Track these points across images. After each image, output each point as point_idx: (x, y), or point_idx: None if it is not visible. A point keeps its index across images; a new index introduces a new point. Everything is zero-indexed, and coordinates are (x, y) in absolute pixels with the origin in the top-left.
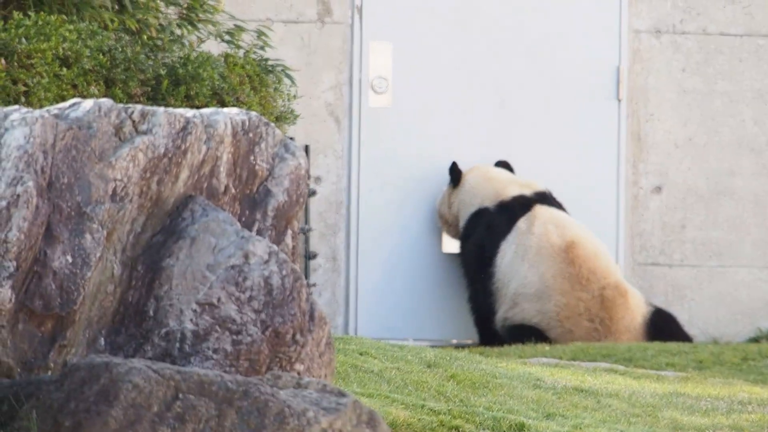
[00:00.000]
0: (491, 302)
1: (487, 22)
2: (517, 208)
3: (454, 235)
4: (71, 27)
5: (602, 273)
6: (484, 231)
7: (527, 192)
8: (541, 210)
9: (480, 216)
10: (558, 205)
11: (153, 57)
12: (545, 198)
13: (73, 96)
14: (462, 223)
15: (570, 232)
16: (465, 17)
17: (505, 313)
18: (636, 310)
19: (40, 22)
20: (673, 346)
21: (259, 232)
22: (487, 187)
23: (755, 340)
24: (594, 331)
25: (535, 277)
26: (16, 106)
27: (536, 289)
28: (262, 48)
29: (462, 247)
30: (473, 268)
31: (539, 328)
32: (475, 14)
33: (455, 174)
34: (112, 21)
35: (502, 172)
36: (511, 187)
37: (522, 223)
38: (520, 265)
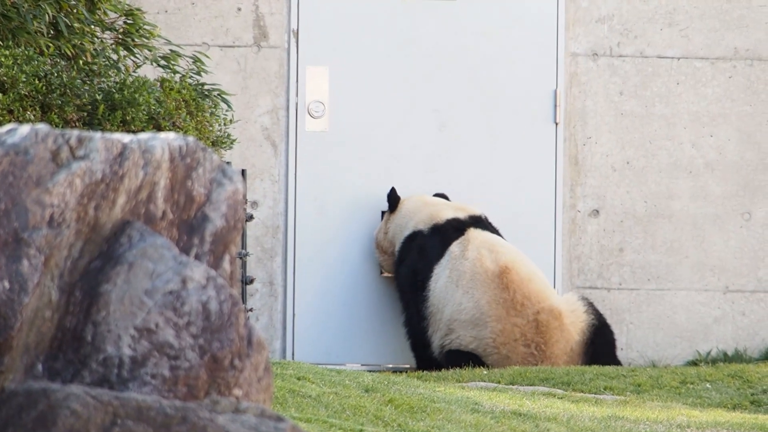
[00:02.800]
0: (425, 326)
1: (426, 46)
2: (450, 231)
3: (390, 266)
4: (7, 52)
5: (536, 297)
6: (417, 254)
7: (461, 215)
8: (474, 233)
9: (413, 239)
10: (493, 230)
11: (89, 82)
12: (479, 222)
13: (9, 121)
14: (397, 246)
15: (503, 257)
16: (403, 41)
17: (441, 339)
18: (572, 331)
19: None
20: (611, 369)
21: (197, 258)
22: (423, 210)
23: (694, 363)
24: (530, 356)
25: (470, 303)
26: None
27: (471, 315)
28: (198, 73)
29: (396, 271)
30: (407, 292)
31: (476, 354)
32: (413, 38)
33: (393, 199)
34: (48, 46)
35: (440, 200)
36: (447, 210)
37: (455, 247)
38: (454, 291)
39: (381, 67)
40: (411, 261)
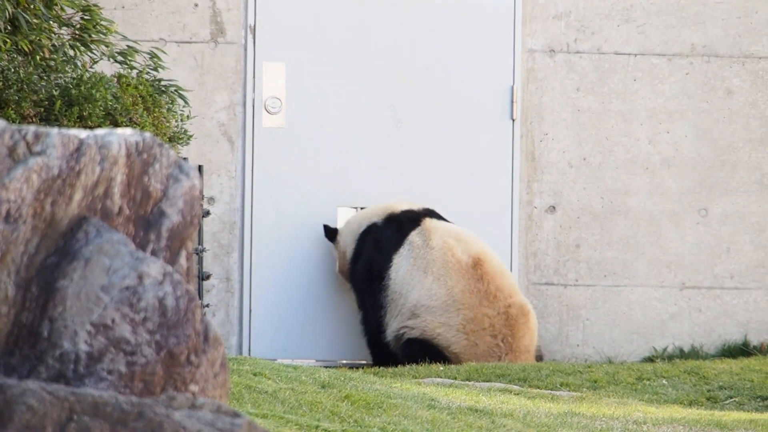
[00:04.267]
0: (382, 315)
1: (382, 42)
2: (405, 221)
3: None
4: None
5: (508, 291)
6: (373, 247)
7: (415, 207)
8: (431, 223)
9: (368, 233)
10: (446, 221)
11: (46, 78)
12: (434, 213)
13: None
14: (351, 247)
15: (474, 247)
16: (359, 37)
17: (401, 323)
18: (535, 331)
19: None
20: (567, 365)
21: (154, 253)
22: (374, 208)
23: (650, 359)
24: (496, 347)
25: (443, 290)
26: None
27: (443, 301)
28: (155, 68)
29: (352, 268)
30: (364, 286)
31: (437, 343)
32: (369, 34)
33: (331, 233)
34: (5, 42)
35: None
36: (401, 203)
37: (415, 237)
38: (422, 278)
39: (338, 63)
40: (367, 254)
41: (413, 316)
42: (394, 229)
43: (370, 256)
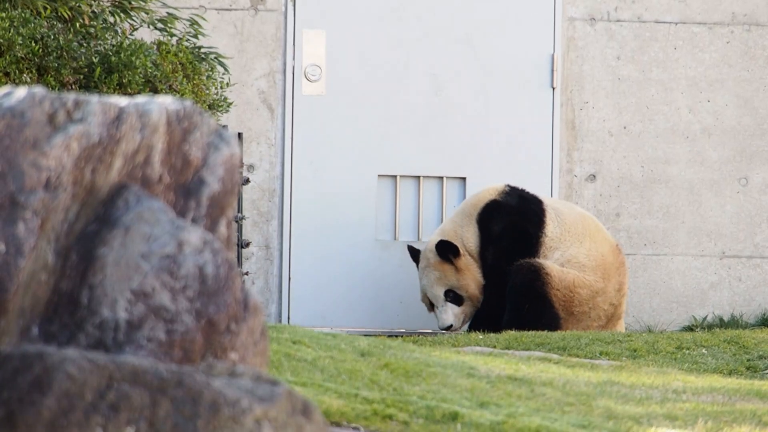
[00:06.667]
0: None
1: (422, 10)
2: (524, 193)
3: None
4: (3, 15)
5: (624, 293)
6: (510, 214)
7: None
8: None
9: (491, 208)
10: None
11: (86, 45)
12: None
13: (5, 84)
14: (475, 231)
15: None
16: (399, 5)
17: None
18: None
19: None
20: (606, 334)
21: (194, 221)
22: (469, 201)
23: (690, 328)
24: (592, 326)
25: (597, 254)
26: None
27: (596, 263)
28: (195, 36)
29: (487, 246)
30: (517, 244)
31: (568, 283)
32: (409, 2)
33: (449, 249)
34: (45, 8)
35: None
36: (496, 185)
37: (556, 204)
38: (581, 238)
39: (378, 30)
40: (510, 222)
41: (564, 263)
42: (523, 198)
43: (517, 220)
